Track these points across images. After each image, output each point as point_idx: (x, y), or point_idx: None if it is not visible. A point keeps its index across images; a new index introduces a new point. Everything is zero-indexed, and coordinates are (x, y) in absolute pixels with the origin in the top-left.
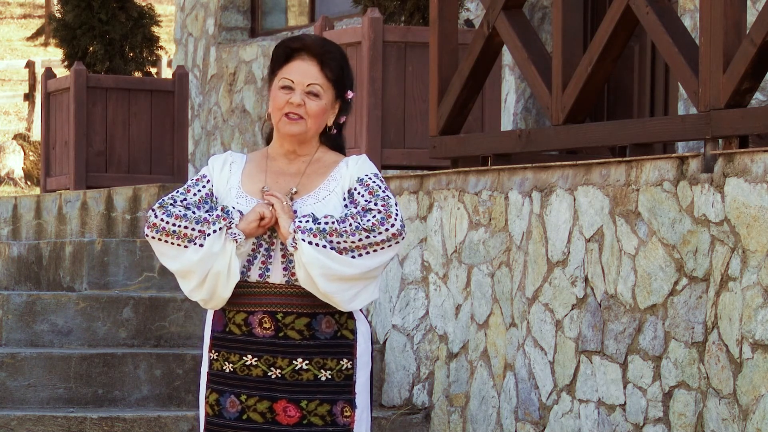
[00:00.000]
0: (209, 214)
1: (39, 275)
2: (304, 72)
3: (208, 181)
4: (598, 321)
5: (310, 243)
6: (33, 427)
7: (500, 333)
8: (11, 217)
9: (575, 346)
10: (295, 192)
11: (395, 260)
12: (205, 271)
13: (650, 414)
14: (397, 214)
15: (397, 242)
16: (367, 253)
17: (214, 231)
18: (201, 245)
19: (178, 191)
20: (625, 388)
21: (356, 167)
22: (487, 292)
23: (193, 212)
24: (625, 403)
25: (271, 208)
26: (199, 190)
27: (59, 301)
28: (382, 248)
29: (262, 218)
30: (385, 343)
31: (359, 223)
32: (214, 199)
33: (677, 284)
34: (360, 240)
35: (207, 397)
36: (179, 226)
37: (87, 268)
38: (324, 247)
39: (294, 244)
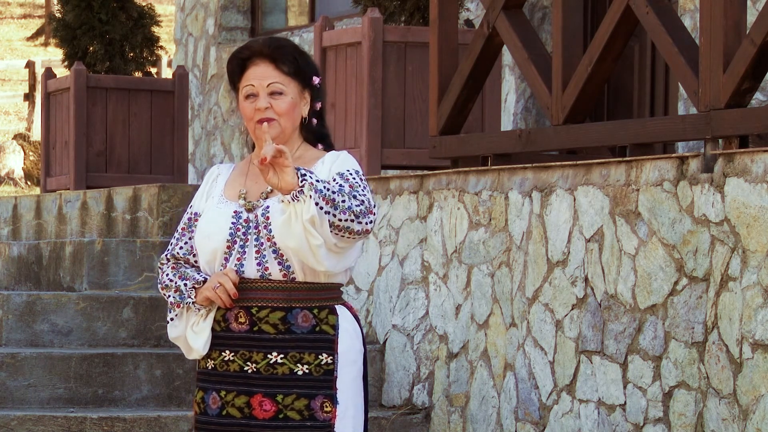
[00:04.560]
0: (177, 291)
1: (39, 275)
2: (261, 75)
3: (190, 208)
4: (598, 321)
5: (317, 204)
6: (33, 427)
7: (500, 333)
8: (11, 217)
9: (575, 346)
10: (271, 191)
11: (395, 260)
12: (185, 344)
13: (650, 414)
14: (375, 214)
15: (362, 240)
16: (338, 234)
17: (171, 319)
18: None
19: (176, 230)
20: (625, 388)
21: (335, 164)
22: (487, 292)
23: (170, 279)
24: (625, 403)
25: (217, 286)
26: (183, 219)
27: (59, 301)
28: (350, 237)
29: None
30: (385, 343)
31: (350, 205)
32: (198, 218)
33: (677, 284)
34: (342, 220)
35: (195, 396)
36: (168, 296)
37: (87, 268)
38: (326, 213)
39: (297, 198)
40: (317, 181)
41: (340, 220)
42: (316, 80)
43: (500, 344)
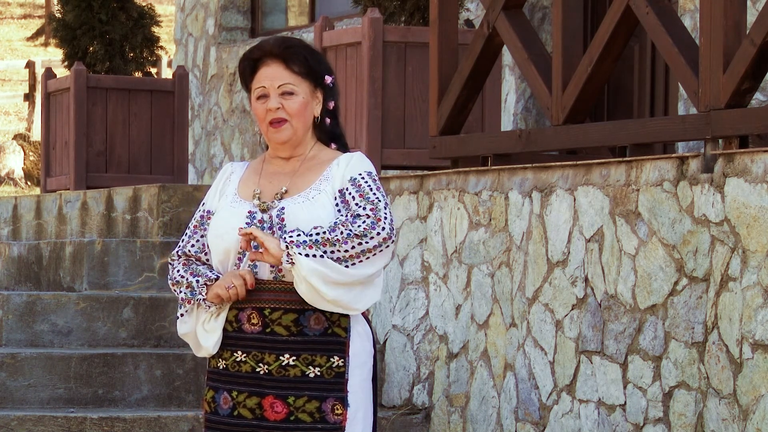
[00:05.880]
0: (188, 287)
1: (39, 275)
2: (272, 75)
3: (203, 205)
4: (598, 321)
5: (306, 255)
6: (33, 427)
7: (500, 333)
8: (11, 217)
9: (575, 346)
10: (285, 191)
11: (395, 260)
12: (194, 341)
13: (650, 414)
14: (386, 217)
15: (388, 246)
16: (360, 261)
17: (181, 315)
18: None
19: (188, 227)
20: (625, 388)
21: (348, 166)
22: (487, 292)
23: (182, 275)
24: (625, 403)
25: (231, 286)
26: (195, 216)
27: (59, 301)
28: (374, 254)
29: (229, 286)
30: (385, 343)
31: (350, 230)
32: (210, 216)
33: (677, 284)
34: (353, 247)
35: (205, 394)
36: (178, 292)
37: (87, 268)
38: (321, 256)
39: (290, 260)
40: (298, 235)
41: (347, 251)
42: (328, 79)
43: (500, 344)
